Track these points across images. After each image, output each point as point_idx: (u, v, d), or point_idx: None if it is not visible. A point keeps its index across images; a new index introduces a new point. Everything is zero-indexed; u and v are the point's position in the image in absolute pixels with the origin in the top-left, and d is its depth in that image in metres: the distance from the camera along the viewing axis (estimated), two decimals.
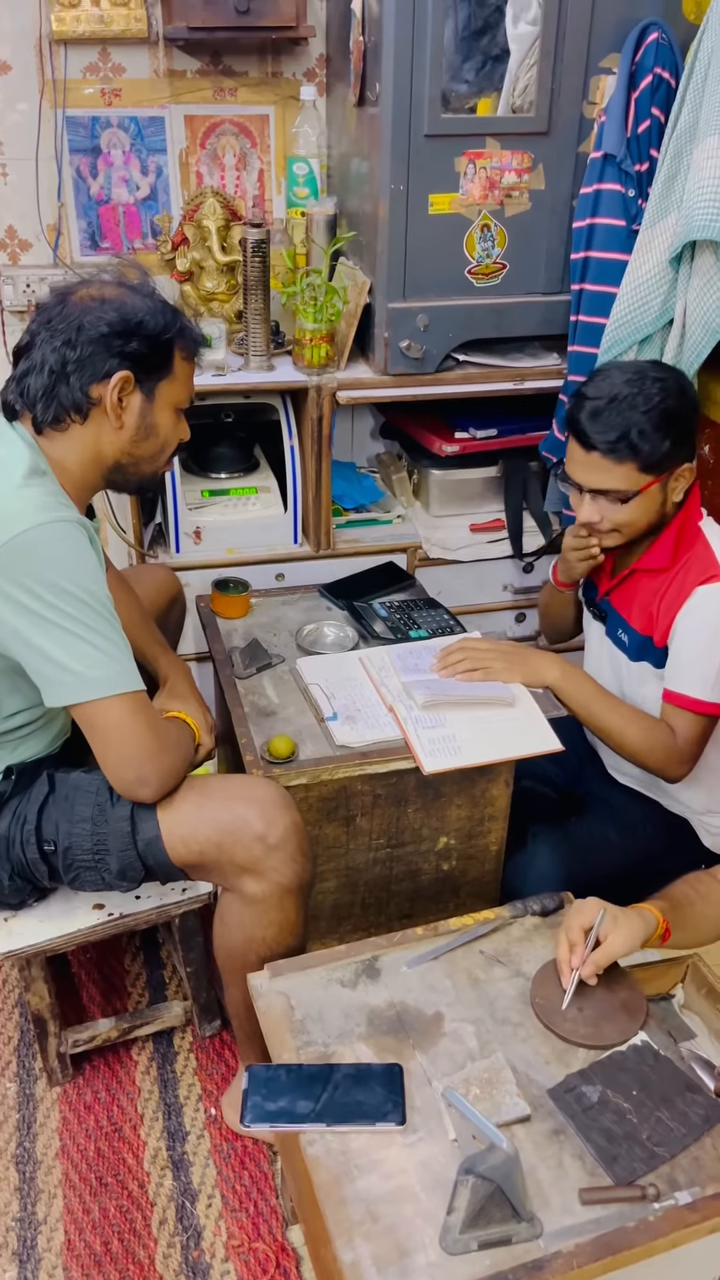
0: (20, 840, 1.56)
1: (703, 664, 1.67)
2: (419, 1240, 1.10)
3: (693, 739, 1.71)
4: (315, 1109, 1.21)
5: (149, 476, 1.61)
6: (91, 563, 1.43)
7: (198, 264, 2.34)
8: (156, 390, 1.51)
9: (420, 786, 1.76)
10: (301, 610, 2.11)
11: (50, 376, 1.45)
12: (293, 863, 1.52)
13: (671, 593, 1.72)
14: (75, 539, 1.41)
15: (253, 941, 1.55)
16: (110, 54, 2.30)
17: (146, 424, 1.52)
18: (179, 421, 1.58)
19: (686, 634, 1.69)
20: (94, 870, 1.56)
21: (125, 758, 1.46)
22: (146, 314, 1.47)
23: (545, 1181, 1.15)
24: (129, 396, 1.49)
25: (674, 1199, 1.13)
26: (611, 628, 1.86)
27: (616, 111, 1.99)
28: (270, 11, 2.14)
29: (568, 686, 1.77)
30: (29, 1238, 1.63)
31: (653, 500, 1.70)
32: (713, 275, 1.90)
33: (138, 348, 1.46)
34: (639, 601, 1.78)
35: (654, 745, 1.72)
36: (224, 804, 1.53)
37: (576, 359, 2.18)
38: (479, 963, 1.42)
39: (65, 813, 1.56)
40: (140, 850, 1.53)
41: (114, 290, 1.50)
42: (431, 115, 2.01)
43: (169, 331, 1.49)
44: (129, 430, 1.51)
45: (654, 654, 1.76)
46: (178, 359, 1.53)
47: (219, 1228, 1.64)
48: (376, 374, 2.24)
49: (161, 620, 1.96)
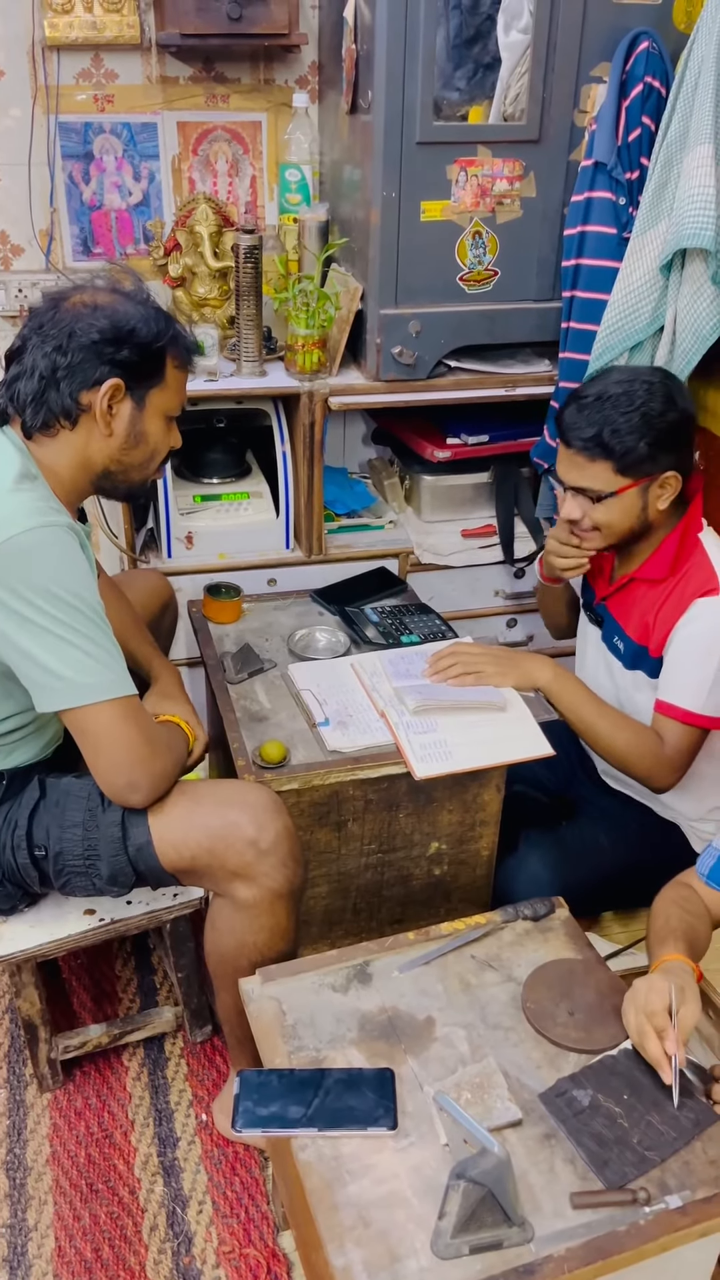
0: (11, 845, 1.56)
1: (697, 676, 1.68)
2: (410, 1245, 1.10)
3: (682, 749, 1.71)
4: (307, 1114, 1.21)
5: (138, 484, 1.60)
6: (83, 568, 1.43)
7: (190, 270, 2.34)
8: (147, 398, 1.51)
9: (412, 792, 1.76)
10: (293, 615, 2.11)
11: (40, 382, 1.44)
12: (284, 868, 1.52)
13: (669, 604, 1.72)
14: (66, 544, 1.41)
15: (244, 947, 1.55)
16: (103, 60, 2.30)
17: (136, 432, 1.52)
18: (170, 429, 1.58)
19: (683, 645, 1.69)
20: (85, 876, 1.56)
21: (116, 763, 1.46)
22: (139, 321, 1.47)
23: (536, 1186, 1.15)
24: (119, 404, 1.48)
25: (665, 1203, 1.13)
26: (608, 634, 1.86)
27: (607, 120, 2.00)
28: (263, 19, 2.15)
29: (558, 689, 1.77)
30: (19, 1244, 1.62)
31: (631, 504, 1.69)
32: (702, 283, 1.91)
33: (129, 355, 1.46)
34: (636, 610, 1.78)
35: (642, 753, 1.72)
36: (215, 809, 1.53)
37: (568, 365, 2.19)
38: (471, 967, 1.43)
39: (56, 818, 1.56)
40: (131, 856, 1.53)
41: (107, 297, 1.49)
42: (423, 123, 2.02)
43: (161, 340, 1.49)
44: (118, 438, 1.51)
45: (649, 663, 1.77)
46: (169, 367, 1.52)
47: (210, 1234, 1.64)
48: (368, 380, 2.25)
49: (154, 625, 1.96)
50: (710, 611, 1.67)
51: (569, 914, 1.52)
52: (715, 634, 1.66)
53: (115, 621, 1.77)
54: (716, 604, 1.67)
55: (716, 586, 1.67)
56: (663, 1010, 1.23)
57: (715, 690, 1.67)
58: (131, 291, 1.53)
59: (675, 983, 1.25)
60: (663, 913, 1.41)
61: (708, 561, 1.71)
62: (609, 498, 1.68)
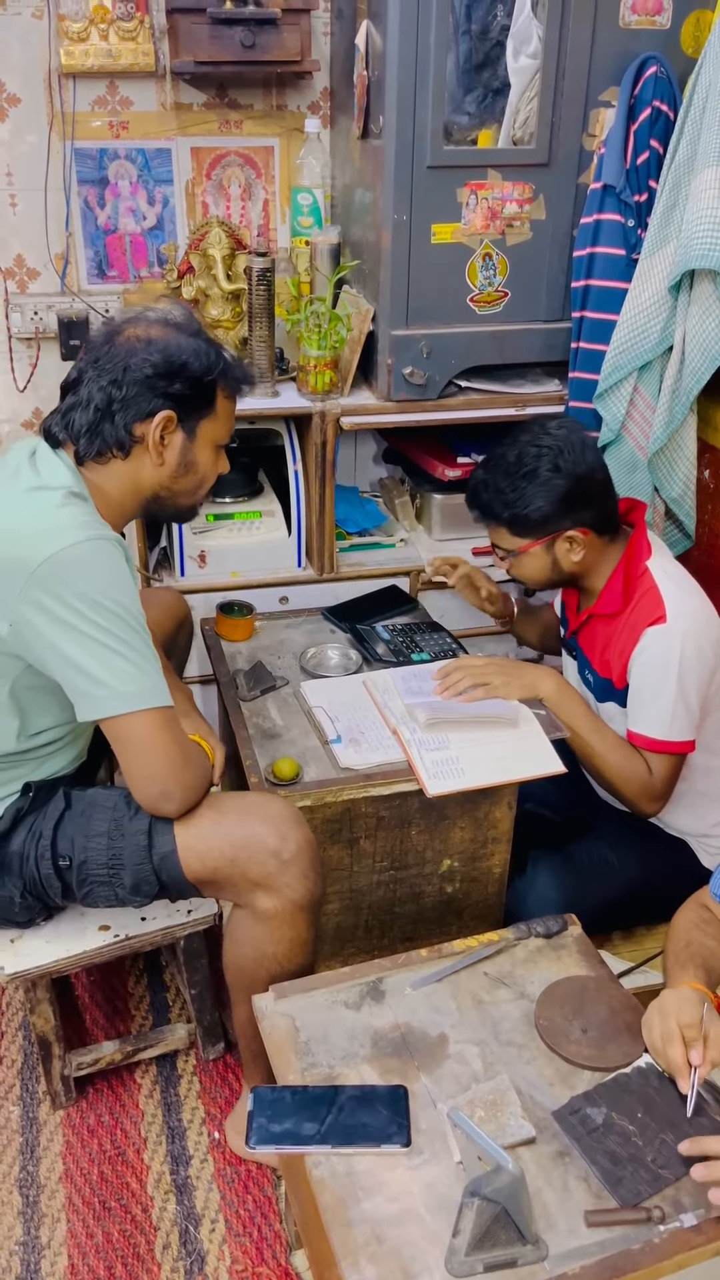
0: (35, 856, 1.57)
1: (658, 704, 1.70)
2: (424, 1263, 1.10)
3: (665, 777, 1.75)
4: (320, 1131, 1.22)
5: (186, 509, 1.66)
6: (128, 579, 1.47)
7: (203, 292, 2.37)
8: (198, 429, 1.55)
9: (424, 809, 1.77)
10: (305, 633, 2.12)
11: (96, 414, 1.49)
12: (305, 879, 1.53)
13: (623, 636, 1.76)
14: (113, 555, 1.45)
15: (264, 958, 1.56)
16: (118, 87, 2.34)
17: (186, 461, 1.56)
18: (219, 457, 1.63)
19: (640, 675, 1.72)
20: (108, 885, 1.57)
21: (153, 772, 1.48)
22: (190, 355, 1.51)
23: (550, 1203, 1.15)
24: (171, 435, 1.53)
25: (679, 1221, 1.13)
26: (580, 668, 1.92)
27: (616, 143, 2.02)
28: (275, 46, 2.19)
29: (558, 700, 1.80)
30: (33, 1262, 1.62)
31: (539, 561, 1.78)
32: (711, 303, 1.93)
33: (181, 389, 1.50)
34: (598, 645, 1.83)
35: (630, 777, 1.75)
36: (239, 820, 1.54)
37: (577, 385, 2.21)
38: (483, 984, 1.43)
39: (81, 827, 1.58)
40: (155, 864, 1.54)
41: (160, 330, 1.54)
42: (434, 147, 2.04)
43: (212, 373, 1.53)
44: (169, 466, 1.55)
45: (617, 695, 1.80)
46: (220, 398, 1.56)
47: (223, 1252, 1.64)
48: (380, 400, 2.27)
49: (169, 644, 1.98)
50: (660, 639, 1.70)
51: (581, 931, 1.52)
52: (667, 661, 1.69)
53: None
54: (664, 631, 1.69)
55: (663, 614, 1.70)
56: (697, 1023, 1.24)
57: (678, 715, 1.70)
58: (182, 323, 1.57)
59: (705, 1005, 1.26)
60: (683, 935, 1.41)
61: (655, 590, 1.73)
62: (515, 555, 1.78)
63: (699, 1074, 1.22)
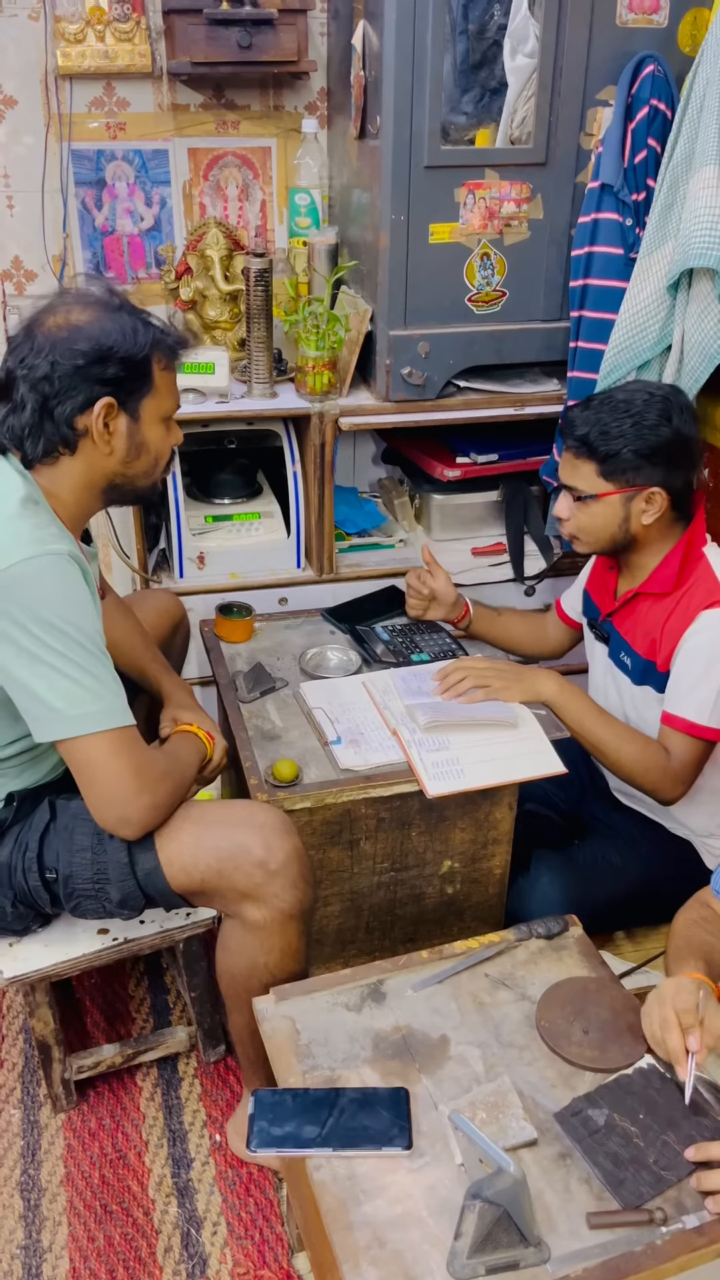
0: (22, 868, 1.56)
1: (703, 688, 1.68)
2: (426, 1266, 1.10)
3: (688, 762, 1.71)
4: (321, 1134, 1.21)
5: (146, 490, 1.59)
6: (81, 597, 1.42)
7: (201, 293, 2.37)
8: (141, 408, 1.49)
9: (424, 810, 1.77)
10: (304, 634, 2.12)
11: (33, 415, 1.43)
12: (294, 888, 1.52)
13: (675, 617, 1.73)
14: (65, 572, 1.40)
15: (255, 968, 1.55)
16: (115, 88, 2.34)
17: (136, 443, 1.50)
18: (169, 430, 1.56)
19: (689, 657, 1.70)
20: (94, 899, 1.56)
21: (107, 797, 1.45)
22: (118, 335, 1.44)
23: (552, 1206, 1.15)
24: (114, 421, 1.46)
25: (681, 1223, 1.13)
26: (614, 650, 1.87)
27: (613, 142, 2.02)
28: (272, 47, 2.18)
29: (563, 701, 1.78)
30: (34, 1265, 1.62)
31: (611, 512, 1.72)
32: (709, 302, 1.93)
33: (115, 372, 1.43)
34: (643, 626, 1.79)
35: (648, 766, 1.72)
36: (224, 831, 1.53)
37: (576, 384, 2.21)
38: (484, 986, 1.42)
39: (65, 842, 1.56)
40: (140, 880, 1.53)
41: (80, 313, 1.46)
42: (431, 147, 2.04)
43: (144, 349, 1.46)
44: (119, 453, 1.49)
45: (657, 678, 1.77)
46: (156, 371, 1.49)
47: (224, 1255, 1.63)
48: (378, 400, 2.26)
49: (165, 645, 1.97)
50: (716, 623, 1.68)
51: (582, 932, 1.52)
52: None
53: (124, 642, 1.79)
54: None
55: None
56: (693, 1009, 1.24)
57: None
58: (104, 299, 1.49)
59: (702, 991, 1.26)
60: (683, 932, 1.41)
61: (712, 574, 1.72)
62: (590, 500, 1.72)
63: (695, 1060, 1.22)
